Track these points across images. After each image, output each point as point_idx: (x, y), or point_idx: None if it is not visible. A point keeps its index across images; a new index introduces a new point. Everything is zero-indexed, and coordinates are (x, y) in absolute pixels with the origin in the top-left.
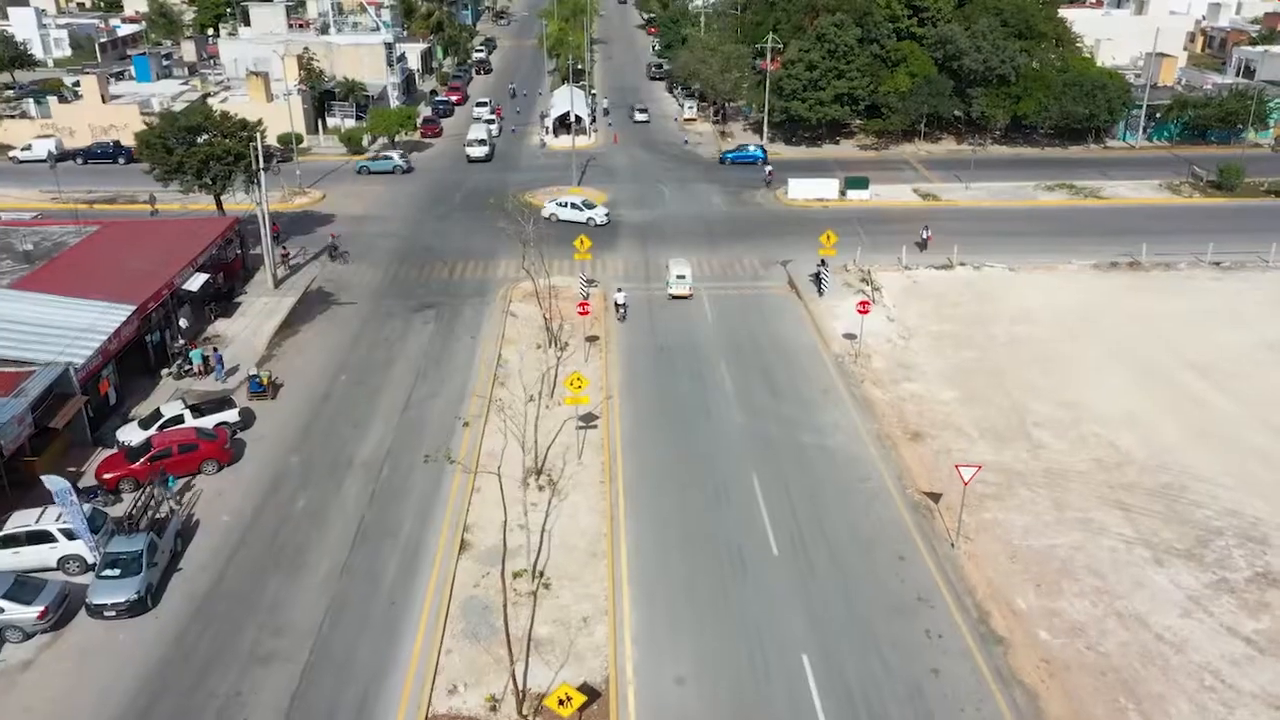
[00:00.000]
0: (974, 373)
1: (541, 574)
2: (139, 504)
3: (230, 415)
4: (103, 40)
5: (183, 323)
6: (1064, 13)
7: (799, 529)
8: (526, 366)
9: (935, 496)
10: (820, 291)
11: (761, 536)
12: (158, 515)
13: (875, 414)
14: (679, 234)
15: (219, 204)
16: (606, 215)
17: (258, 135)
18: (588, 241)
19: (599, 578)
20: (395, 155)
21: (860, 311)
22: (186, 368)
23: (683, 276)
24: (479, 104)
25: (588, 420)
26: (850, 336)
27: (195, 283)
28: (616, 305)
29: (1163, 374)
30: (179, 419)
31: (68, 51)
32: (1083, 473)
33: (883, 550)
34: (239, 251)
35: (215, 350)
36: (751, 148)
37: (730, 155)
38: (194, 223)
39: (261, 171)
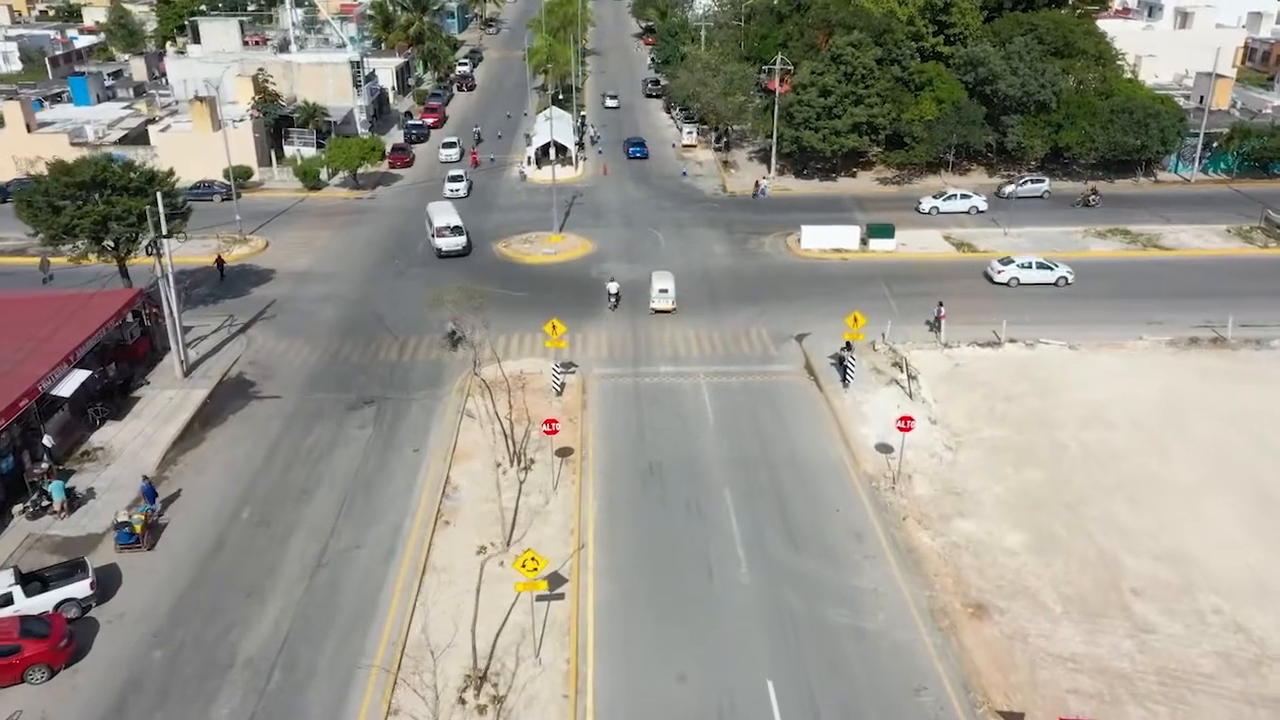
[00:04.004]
0: (1043, 504)
1: None
2: None
3: (79, 589)
4: (56, 54)
5: (47, 440)
6: (1102, 25)
7: None
8: (481, 495)
9: (1016, 718)
10: (845, 381)
11: None
12: None
13: (924, 572)
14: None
15: (123, 271)
16: (1071, 270)
17: (159, 194)
18: (561, 327)
19: None
20: None
21: (902, 429)
22: (45, 504)
23: (665, 290)
24: (445, 144)
25: (553, 585)
26: (885, 449)
27: (68, 385)
28: (609, 295)
29: None
30: (6, 599)
31: (17, 66)
32: (1209, 676)
33: None
34: (146, 326)
35: (145, 480)
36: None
37: (631, 146)
38: (85, 297)
39: (163, 238)
